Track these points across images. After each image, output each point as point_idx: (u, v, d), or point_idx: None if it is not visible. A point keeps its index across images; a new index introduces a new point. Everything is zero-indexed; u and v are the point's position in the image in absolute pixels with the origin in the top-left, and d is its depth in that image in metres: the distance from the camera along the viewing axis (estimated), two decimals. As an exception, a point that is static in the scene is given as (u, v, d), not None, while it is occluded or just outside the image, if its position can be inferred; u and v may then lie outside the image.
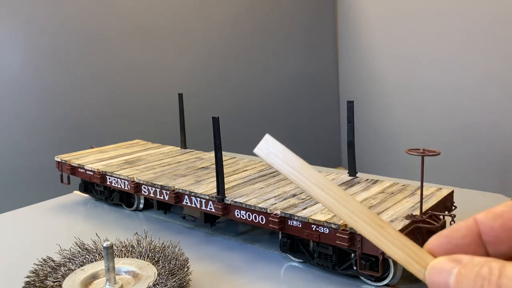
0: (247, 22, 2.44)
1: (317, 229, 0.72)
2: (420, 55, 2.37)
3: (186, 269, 0.67)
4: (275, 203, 0.80)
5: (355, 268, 0.72)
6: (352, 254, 0.72)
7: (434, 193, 0.83)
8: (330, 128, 2.93)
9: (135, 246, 0.73)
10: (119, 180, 1.03)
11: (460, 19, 2.18)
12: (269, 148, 0.28)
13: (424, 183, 0.72)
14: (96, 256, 0.72)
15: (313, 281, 0.75)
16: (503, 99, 2.06)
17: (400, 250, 0.25)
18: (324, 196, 0.26)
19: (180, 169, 1.05)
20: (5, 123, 1.70)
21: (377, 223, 0.25)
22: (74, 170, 1.14)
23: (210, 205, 0.86)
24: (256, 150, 0.28)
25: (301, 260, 0.80)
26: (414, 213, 0.71)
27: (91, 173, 1.09)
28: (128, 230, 0.93)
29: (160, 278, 0.64)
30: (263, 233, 0.93)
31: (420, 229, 0.69)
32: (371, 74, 2.65)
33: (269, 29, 2.55)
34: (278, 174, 0.99)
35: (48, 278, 0.65)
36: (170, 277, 0.64)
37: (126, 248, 0.73)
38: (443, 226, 0.72)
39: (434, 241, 0.26)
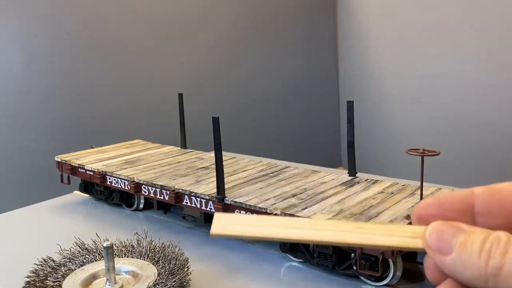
0: (247, 22, 2.44)
1: (317, 229, 0.72)
2: (420, 55, 2.37)
3: (186, 269, 0.68)
4: (275, 203, 0.80)
5: (355, 268, 0.72)
6: (352, 254, 0.72)
7: (434, 193, 0.83)
8: (330, 128, 2.93)
9: (135, 246, 0.73)
10: (119, 180, 1.03)
11: (461, 19, 2.18)
12: (225, 223, 0.27)
13: (424, 183, 0.72)
14: (96, 256, 0.72)
15: (313, 281, 0.75)
16: (503, 99, 2.06)
17: (389, 236, 0.25)
18: (300, 232, 0.26)
19: (180, 169, 1.05)
20: (5, 123, 1.70)
21: (356, 227, 0.25)
22: (74, 170, 1.14)
23: (210, 205, 0.86)
24: (212, 232, 0.26)
25: (301, 260, 0.80)
26: (414, 213, 0.71)
27: (91, 173, 1.09)
28: (128, 230, 0.93)
29: (160, 278, 0.64)
30: (263, 233, 0.93)
31: (420, 229, 0.69)
32: (371, 74, 2.65)
33: (269, 29, 2.55)
34: (278, 174, 0.99)
35: (48, 278, 0.65)
36: (170, 277, 0.64)
37: (126, 248, 0.73)
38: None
39: (426, 201, 0.26)
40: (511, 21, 2.00)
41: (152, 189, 0.96)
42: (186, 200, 0.91)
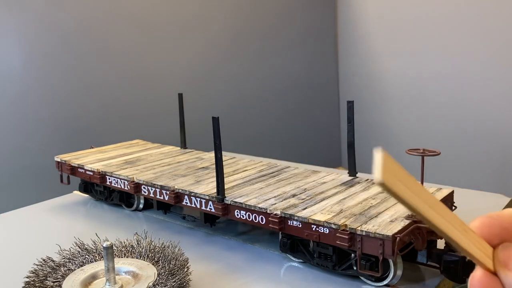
0: (247, 23, 2.44)
1: (317, 229, 0.72)
2: (420, 54, 2.37)
3: (186, 269, 0.67)
4: (275, 203, 0.80)
5: (355, 268, 0.72)
6: (352, 254, 0.72)
7: (434, 193, 0.83)
8: (330, 128, 2.93)
9: (135, 246, 0.73)
10: (119, 180, 1.03)
11: (460, 19, 2.18)
12: (394, 173, 0.21)
13: (424, 183, 0.71)
14: (96, 256, 0.72)
15: (313, 281, 0.75)
16: (503, 99, 2.06)
17: (478, 249, 0.25)
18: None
19: (180, 169, 1.05)
20: (5, 123, 1.70)
21: (463, 228, 0.25)
22: (74, 170, 1.14)
23: (210, 205, 0.86)
24: (381, 178, 0.21)
25: (301, 260, 0.80)
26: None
27: (91, 173, 1.09)
28: (128, 230, 0.93)
29: (160, 278, 0.64)
30: (263, 233, 0.93)
31: (420, 229, 0.69)
32: (371, 74, 2.65)
33: (269, 29, 2.55)
34: (278, 174, 0.99)
35: (48, 278, 0.65)
36: (170, 277, 0.64)
37: (126, 248, 0.73)
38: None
39: (484, 219, 0.27)
40: (511, 21, 2.00)
41: (152, 189, 0.96)
42: (186, 200, 0.91)
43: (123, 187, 1.02)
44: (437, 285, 0.72)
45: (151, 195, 0.97)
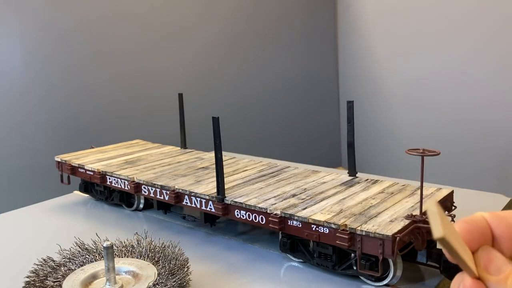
0: (247, 23, 2.44)
1: (317, 229, 0.72)
2: (420, 54, 2.37)
3: (186, 269, 0.68)
4: (275, 203, 0.80)
5: (355, 268, 0.72)
6: (352, 254, 0.72)
7: (434, 193, 0.83)
8: (330, 128, 2.93)
9: (135, 246, 0.73)
10: (119, 180, 1.03)
11: (460, 18, 2.18)
12: (444, 226, 0.22)
13: (424, 183, 0.72)
14: (96, 256, 0.72)
15: (313, 281, 0.75)
16: (503, 99, 2.06)
17: (471, 261, 0.26)
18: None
19: (180, 169, 1.05)
20: (5, 123, 1.70)
21: (463, 245, 0.26)
22: (74, 170, 1.14)
23: (210, 205, 0.86)
24: (441, 235, 0.22)
25: (301, 260, 0.80)
26: (414, 213, 0.71)
27: (91, 173, 1.09)
28: (128, 230, 0.93)
29: (160, 278, 0.64)
30: (263, 233, 0.93)
31: (420, 229, 0.69)
32: (371, 74, 2.65)
33: (269, 29, 2.55)
34: (278, 174, 0.99)
35: (48, 278, 0.65)
36: (170, 277, 0.64)
37: (126, 248, 0.73)
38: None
39: (463, 224, 0.28)
40: (511, 21, 2.00)
41: (152, 189, 0.96)
42: (186, 200, 0.91)
43: (123, 187, 1.02)
44: (437, 285, 0.72)
45: (151, 195, 0.97)
